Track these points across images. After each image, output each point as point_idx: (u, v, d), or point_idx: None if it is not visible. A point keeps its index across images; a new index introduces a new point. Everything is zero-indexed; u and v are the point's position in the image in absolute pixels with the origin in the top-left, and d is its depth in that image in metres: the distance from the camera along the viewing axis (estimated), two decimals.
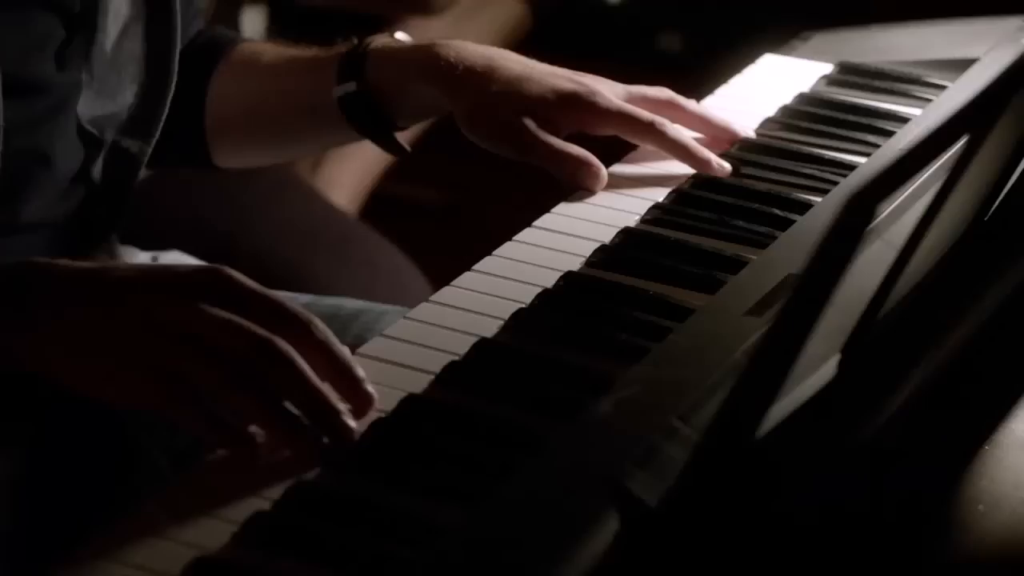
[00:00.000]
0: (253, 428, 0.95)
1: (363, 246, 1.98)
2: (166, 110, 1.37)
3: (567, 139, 1.31)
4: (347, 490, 0.91)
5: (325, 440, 0.95)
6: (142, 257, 1.57)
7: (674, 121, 1.34)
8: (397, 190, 2.52)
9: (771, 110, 1.44)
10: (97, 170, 1.34)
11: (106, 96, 1.33)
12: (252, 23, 2.37)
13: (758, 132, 1.40)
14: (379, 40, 1.39)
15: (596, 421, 0.95)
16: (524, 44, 2.65)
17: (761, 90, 1.50)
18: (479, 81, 1.32)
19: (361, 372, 0.99)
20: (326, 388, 0.97)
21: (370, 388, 0.99)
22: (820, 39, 1.62)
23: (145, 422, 1.24)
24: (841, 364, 0.94)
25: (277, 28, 2.40)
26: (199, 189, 1.97)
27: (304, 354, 0.97)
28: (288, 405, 0.96)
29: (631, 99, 1.33)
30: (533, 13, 2.61)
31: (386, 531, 0.88)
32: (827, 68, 1.53)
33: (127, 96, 1.35)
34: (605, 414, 0.96)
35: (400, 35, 1.40)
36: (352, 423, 0.96)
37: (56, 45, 1.29)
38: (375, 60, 1.37)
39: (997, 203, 1.09)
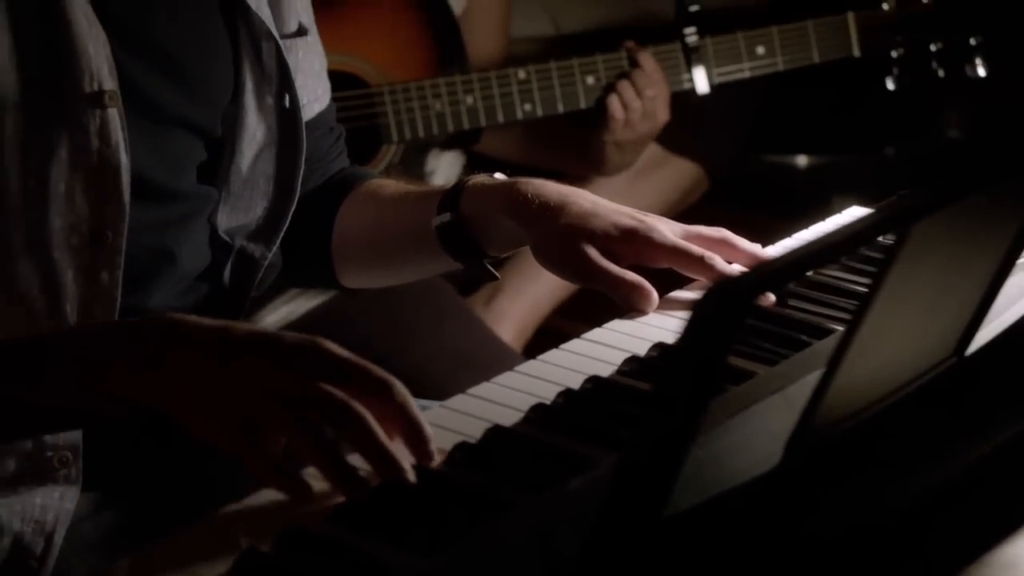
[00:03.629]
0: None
1: None
2: (287, 221, 1.51)
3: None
4: (329, 536, 1.02)
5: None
6: None
7: (726, 257, 1.42)
8: (563, 326, 2.62)
9: None
10: (225, 271, 1.48)
11: (240, 209, 1.48)
12: (444, 171, 2.52)
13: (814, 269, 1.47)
14: (477, 178, 1.51)
15: (562, 493, 1.04)
16: (701, 203, 2.75)
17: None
18: (551, 214, 1.43)
19: (430, 433, 1.10)
20: (393, 446, 1.07)
21: (434, 448, 1.10)
22: None
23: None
24: (783, 458, 1.01)
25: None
26: (366, 310, 2.11)
27: (384, 412, 1.09)
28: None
29: (687, 236, 1.42)
30: (708, 174, 2.70)
31: (355, 569, 0.98)
32: None
33: (257, 210, 1.49)
34: (572, 489, 1.04)
35: (499, 175, 1.52)
36: (412, 477, 1.07)
37: (197, 162, 1.44)
38: (469, 195, 1.49)
39: (984, 344, 1.15)
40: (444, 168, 2.49)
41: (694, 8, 2.34)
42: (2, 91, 1.27)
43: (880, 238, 1.47)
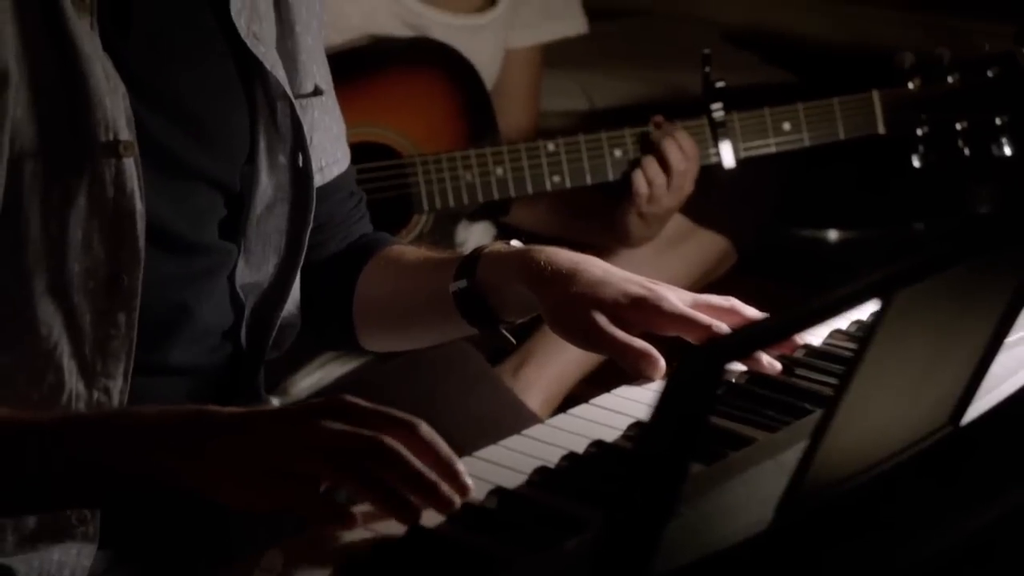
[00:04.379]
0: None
1: None
2: (296, 277, 1.54)
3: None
4: None
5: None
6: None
7: (735, 326, 1.44)
8: (586, 392, 2.63)
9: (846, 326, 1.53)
10: (241, 329, 1.51)
11: (254, 266, 1.51)
12: (475, 242, 2.54)
13: (825, 340, 1.49)
14: (493, 246, 1.54)
15: (558, 554, 1.06)
16: (730, 276, 2.76)
17: (856, 312, 1.59)
18: (563, 281, 1.45)
19: (461, 465, 1.15)
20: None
21: (468, 480, 1.14)
22: None
23: None
24: (773, 521, 1.03)
25: None
26: (396, 375, 2.13)
27: (413, 450, 1.14)
28: None
29: (696, 305, 1.44)
30: (736, 247, 2.71)
31: None
32: None
33: (269, 267, 1.52)
34: (568, 549, 1.06)
35: (515, 243, 1.54)
36: (455, 498, 1.12)
37: (218, 217, 1.47)
38: (485, 262, 1.52)
39: (980, 414, 1.17)
40: (475, 239, 2.52)
41: (720, 84, 2.37)
42: (21, 141, 1.30)
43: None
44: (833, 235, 3.13)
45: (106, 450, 1.22)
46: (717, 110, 2.36)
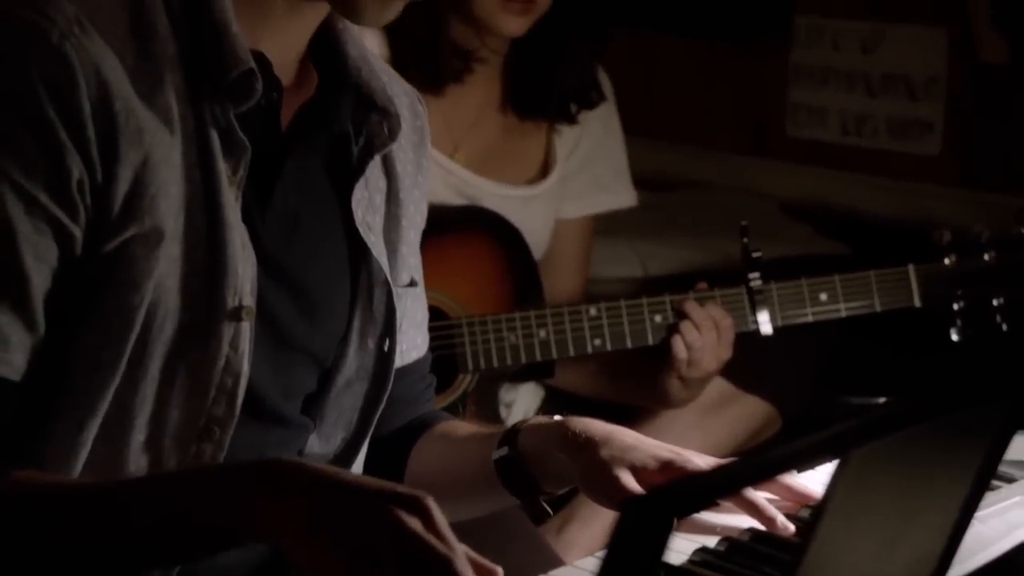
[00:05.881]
0: None
1: None
2: (359, 456, 1.60)
3: None
4: None
5: None
6: None
7: (760, 489, 1.49)
8: None
9: None
10: None
11: (323, 439, 1.57)
12: (524, 403, 2.60)
13: None
14: (535, 419, 1.62)
15: None
16: (775, 441, 2.79)
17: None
18: (595, 447, 1.52)
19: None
20: None
21: None
22: None
23: None
24: None
25: (546, 409, 2.62)
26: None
27: None
28: None
29: None
30: (780, 412, 2.75)
31: None
32: None
33: (335, 441, 1.59)
34: None
35: (558, 417, 1.61)
36: None
37: (306, 391, 1.54)
38: (526, 431, 1.59)
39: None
40: (522, 400, 2.58)
41: (757, 254, 2.43)
42: (159, 292, 1.38)
43: None
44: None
45: (190, 497, 1.27)
46: (755, 279, 2.42)
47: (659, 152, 3.75)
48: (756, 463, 0.91)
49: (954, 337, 2.55)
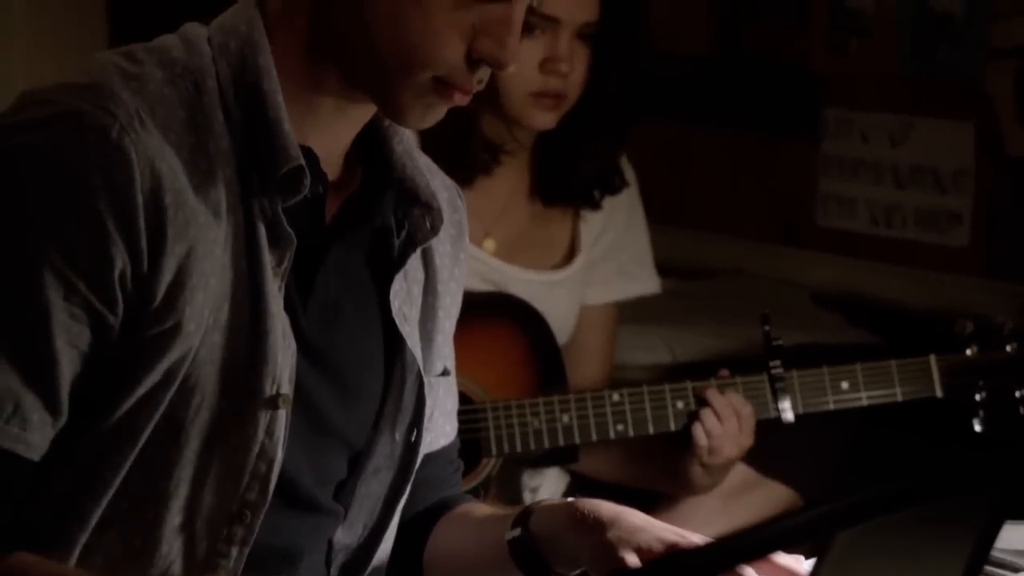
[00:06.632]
0: None
1: None
2: (381, 544, 1.61)
3: None
4: None
5: None
6: None
7: (758, 569, 1.50)
8: None
9: None
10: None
11: (348, 526, 1.59)
12: (549, 489, 2.62)
13: None
14: (548, 500, 1.64)
15: None
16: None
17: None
18: (603, 529, 1.53)
19: None
20: None
21: None
22: None
23: None
24: None
25: (572, 494, 2.63)
26: None
27: None
28: None
29: None
30: (804, 498, 2.75)
31: None
32: None
33: (358, 529, 1.60)
34: None
35: (571, 500, 1.62)
36: None
37: (338, 479, 1.57)
38: (538, 512, 1.61)
39: None
40: (547, 485, 2.60)
41: (778, 342, 2.45)
42: (198, 376, 1.41)
43: None
44: None
45: None
46: (776, 367, 2.44)
47: (691, 241, 3.78)
48: (744, 541, 0.93)
49: (977, 428, 2.55)
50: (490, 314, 2.49)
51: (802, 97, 3.65)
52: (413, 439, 1.60)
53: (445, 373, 1.67)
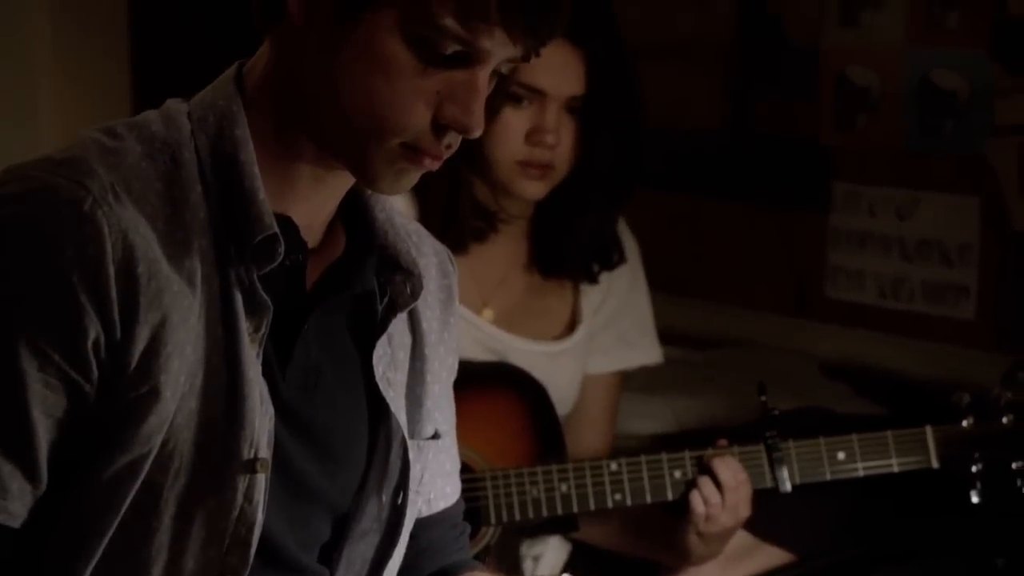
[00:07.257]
0: None
1: None
2: None
3: None
4: None
5: None
6: None
7: None
8: None
9: None
10: None
11: None
12: (551, 558, 2.63)
13: None
14: (544, 574, 1.65)
15: None
16: None
17: None
18: None
19: None
20: None
21: None
22: None
23: None
24: None
25: (572, 563, 2.65)
26: None
27: None
28: None
29: None
30: (802, 560, 2.75)
31: None
32: None
33: None
34: None
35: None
36: None
37: (322, 541, 1.58)
38: None
39: None
40: (551, 554, 2.61)
41: (775, 412, 2.46)
42: (175, 442, 1.43)
43: None
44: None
45: None
46: (772, 436, 2.45)
47: (701, 311, 3.80)
48: None
49: (974, 499, 2.56)
50: (490, 384, 2.51)
51: (811, 171, 3.68)
52: (400, 502, 1.62)
53: (436, 436, 1.68)
